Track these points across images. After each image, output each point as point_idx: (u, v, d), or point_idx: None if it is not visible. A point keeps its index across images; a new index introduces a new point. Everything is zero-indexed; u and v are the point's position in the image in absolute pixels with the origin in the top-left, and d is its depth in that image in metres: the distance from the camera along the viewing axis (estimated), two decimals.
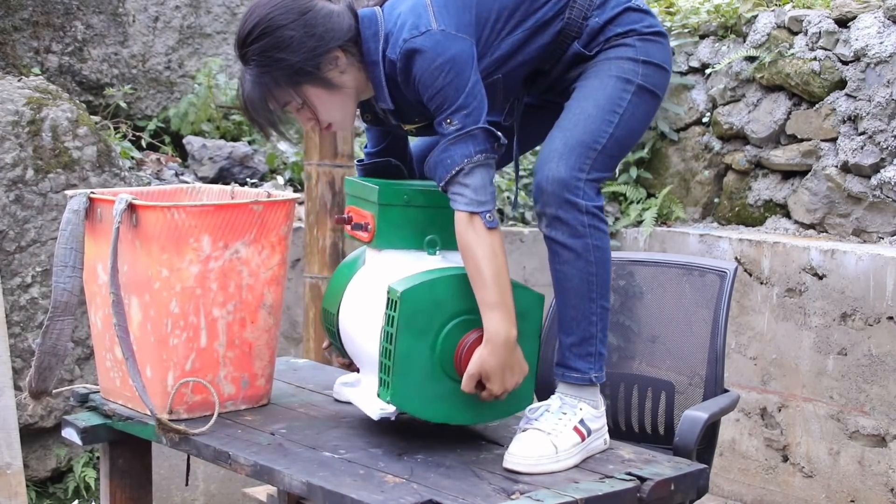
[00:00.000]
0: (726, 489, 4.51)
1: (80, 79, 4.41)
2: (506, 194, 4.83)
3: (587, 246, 2.02)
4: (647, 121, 2.21)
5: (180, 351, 2.21)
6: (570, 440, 2.00)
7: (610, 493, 1.85)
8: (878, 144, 4.23)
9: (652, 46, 2.18)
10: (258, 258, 2.28)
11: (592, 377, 2.07)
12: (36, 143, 3.54)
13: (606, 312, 2.08)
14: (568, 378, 2.08)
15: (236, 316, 2.27)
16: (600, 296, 2.05)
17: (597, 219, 2.03)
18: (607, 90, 2.11)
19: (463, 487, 1.85)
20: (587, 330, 2.06)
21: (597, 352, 2.07)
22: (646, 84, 2.16)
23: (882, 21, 4.25)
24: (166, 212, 2.16)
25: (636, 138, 2.20)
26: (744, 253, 4.44)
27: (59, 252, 2.24)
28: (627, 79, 2.13)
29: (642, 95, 2.15)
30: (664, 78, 2.22)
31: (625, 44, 2.16)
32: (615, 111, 2.10)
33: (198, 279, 2.20)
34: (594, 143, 2.06)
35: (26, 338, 3.48)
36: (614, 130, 2.09)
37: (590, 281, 2.03)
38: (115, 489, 2.41)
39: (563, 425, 2.01)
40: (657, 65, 2.18)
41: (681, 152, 5.08)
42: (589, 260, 2.02)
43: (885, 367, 3.94)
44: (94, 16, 4.42)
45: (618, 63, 2.14)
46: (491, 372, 1.97)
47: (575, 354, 2.07)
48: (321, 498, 1.86)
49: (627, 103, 2.12)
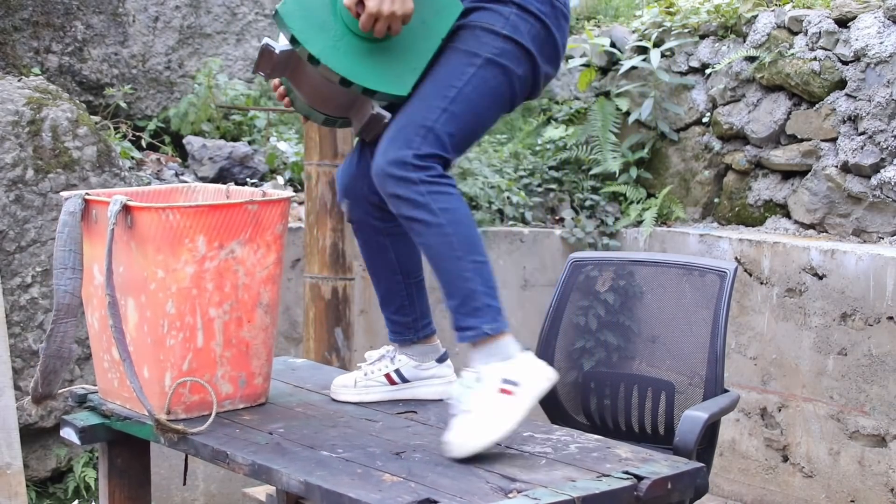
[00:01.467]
0: (726, 489, 4.50)
1: (80, 79, 4.41)
2: (506, 194, 4.83)
3: (432, 211, 2.03)
4: (494, 96, 2.14)
5: (177, 351, 2.21)
6: (500, 405, 1.99)
7: (607, 491, 1.85)
8: (878, 144, 4.23)
9: (526, 24, 2.13)
10: (254, 257, 2.28)
11: (486, 329, 2.03)
12: (36, 143, 3.54)
13: (481, 265, 2.06)
14: (465, 338, 2.06)
15: (233, 315, 2.27)
16: (466, 252, 2.05)
17: (434, 185, 2.04)
18: (449, 65, 2.11)
19: (460, 486, 1.84)
20: (464, 287, 2.05)
21: (483, 305, 2.04)
22: (497, 59, 2.11)
23: (882, 21, 4.25)
24: (161, 213, 2.16)
25: (484, 113, 2.15)
26: (744, 253, 4.44)
27: (58, 254, 2.24)
28: (474, 52, 2.11)
29: (490, 69, 2.11)
30: (526, 60, 2.15)
31: (493, 9, 2.12)
32: (453, 85, 2.09)
33: (193, 279, 2.20)
34: (423, 121, 2.06)
35: (26, 338, 3.48)
36: (449, 105, 2.08)
37: (448, 243, 2.04)
38: (114, 489, 2.41)
39: (485, 395, 1.99)
40: (520, 44, 2.13)
41: (681, 152, 5.08)
42: (440, 223, 2.03)
43: (885, 367, 3.93)
44: (94, 16, 4.43)
45: (473, 33, 2.12)
46: None
47: (462, 314, 2.06)
48: (319, 497, 1.86)
49: (471, 76, 2.10)
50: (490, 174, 4.89)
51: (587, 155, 5.14)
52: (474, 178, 4.78)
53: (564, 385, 2.92)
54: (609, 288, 2.92)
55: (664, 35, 5.11)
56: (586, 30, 5.42)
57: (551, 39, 2.18)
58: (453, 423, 2.00)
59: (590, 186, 5.16)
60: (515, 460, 2.00)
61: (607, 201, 5.12)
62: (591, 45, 5.29)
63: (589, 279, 2.94)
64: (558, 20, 2.19)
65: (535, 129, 5.41)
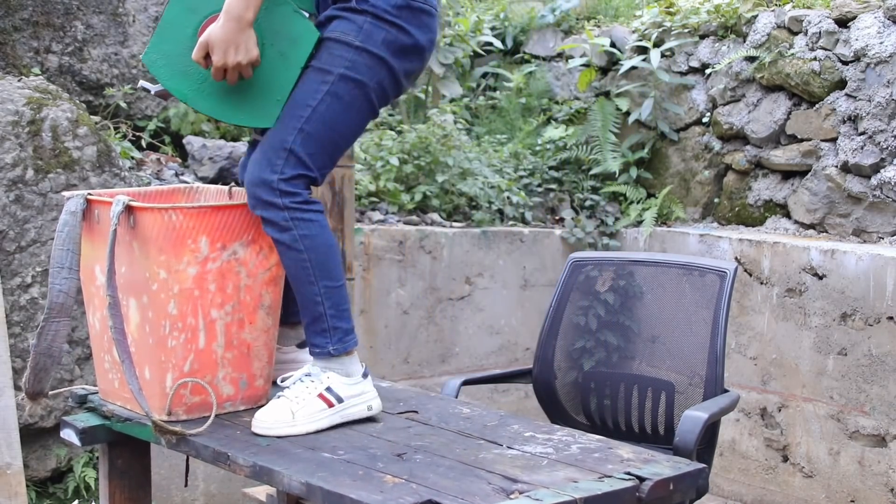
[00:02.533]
0: (726, 489, 4.51)
1: (80, 79, 4.40)
2: (505, 194, 4.83)
3: (294, 237, 2.17)
4: (350, 110, 2.22)
5: (179, 352, 2.20)
6: (313, 407, 2.17)
7: (609, 492, 1.85)
8: (878, 144, 4.23)
9: (379, 32, 2.20)
10: (256, 259, 2.27)
11: (331, 350, 2.22)
12: (36, 143, 3.54)
13: (333, 290, 2.22)
14: (312, 352, 2.25)
15: (234, 317, 2.26)
16: (319, 278, 2.20)
17: (299, 211, 2.18)
18: (304, 84, 2.20)
19: (462, 487, 1.84)
20: (315, 310, 2.21)
21: (330, 327, 2.22)
22: (349, 73, 2.19)
23: (882, 21, 4.25)
24: (164, 213, 2.16)
25: (342, 128, 2.23)
26: (744, 253, 4.44)
27: (56, 254, 2.23)
28: (327, 69, 2.19)
29: (343, 84, 2.19)
30: (381, 67, 2.22)
31: (349, 18, 2.20)
32: (308, 104, 2.19)
33: (196, 281, 2.20)
34: (283, 143, 2.18)
35: (26, 338, 3.47)
36: (304, 125, 2.18)
37: (304, 267, 2.19)
38: (115, 490, 2.41)
39: (307, 393, 2.18)
40: (374, 54, 2.20)
41: (681, 152, 5.08)
42: (299, 249, 2.18)
43: (886, 367, 3.93)
44: (94, 16, 4.42)
45: (327, 47, 2.20)
46: (215, 42, 2.11)
47: (312, 332, 2.23)
48: (320, 498, 1.86)
49: (324, 94, 2.18)
50: (490, 174, 4.89)
51: (587, 155, 5.14)
52: (474, 178, 4.78)
53: (564, 385, 2.93)
54: (609, 288, 2.92)
55: (664, 35, 5.11)
56: (586, 30, 5.42)
57: (411, 39, 2.24)
58: (270, 403, 2.18)
59: (590, 186, 5.16)
60: (517, 461, 2.00)
61: (607, 201, 5.12)
62: (591, 45, 5.29)
63: (589, 279, 2.94)
64: (418, 18, 2.24)
65: (535, 129, 5.41)
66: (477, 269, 4.56)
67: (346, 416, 2.21)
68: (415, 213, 4.60)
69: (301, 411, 2.15)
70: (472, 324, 4.56)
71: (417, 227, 4.42)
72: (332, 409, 2.19)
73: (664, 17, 5.17)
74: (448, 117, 4.93)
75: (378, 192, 4.54)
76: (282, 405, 2.17)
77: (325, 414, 2.18)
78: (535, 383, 2.93)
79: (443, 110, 5.05)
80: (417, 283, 4.37)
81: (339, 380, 2.21)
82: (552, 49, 5.76)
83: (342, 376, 2.22)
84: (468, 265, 4.53)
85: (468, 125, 5.48)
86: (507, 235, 4.67)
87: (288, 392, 2.19)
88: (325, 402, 2.19)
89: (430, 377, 4.42)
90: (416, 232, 4.36)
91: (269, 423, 2.14)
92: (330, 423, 2.18)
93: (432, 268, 4.42)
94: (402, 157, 4.63)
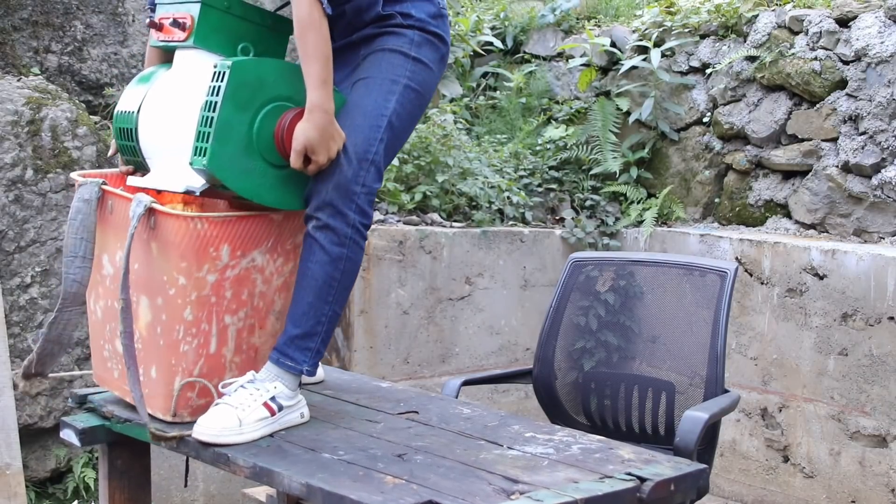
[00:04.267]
0: (727, 489, 4.50)
1: (79, 78, 4.40)
2: (505, 194, 4.83)
3: (342, 255, 2.18)
4: (413, 119, 2.27)
5: (190, 357, 2.18)
6: (257, 415, 2.14)
7: (610, 493, 1.84)
8: (878, 144, 4.23)
9: (428, 46, 2.27)
10: (272, 266, 2.26)
11: (304, 369, 2.21)
12: (35, 142, 3.53)
13: (336, 318, 2.23)
14: (282, 364, 2.20)
15: (246, 322, 2.24)
16: (335, 302, 2.21)
17: (359, 234, 2.20)
18: (371, 94, 2.22)
19: (462, 488, 1.84)
20: (314, 328, 2.21)
21: (316, 349, 2.22)
22: (411, 84, 2.24)
23: (883, 21, 4.25)
24: (189, 221, 2.12)
25: (404, 138, 2.30)
26: (744, 253, 4.43)
27: (69, 242, 2.20)
28: (392, 79, 2.23)
29: (407, 94, 2.24)
30: (431, 76, 2.29)
31: (398, 33, 2.25)
32: (382, 114, 2.21)
33: (214, 287, 2.17)
34: (366, 153, 2.18)
35: (26, 338, 3.47)
36: (383, 135, 2.21)
37: (331, 286, 2.19)
38: (114, 490, 2.41)
39: (252, 400, 2.15)
40: (426, 64, 2.26)
41: (681, 152, 5.07)
42: (338, 267, 2.19)
43: (886, 368, 3.93)
44: (94, 15, 4.42)
45: (386, 58, 2.24)
46: (317, 143, 2.13)
47: (296, 345, 2.20)
48: (321, 499, 1.86)
49: (394, 104, 2.22)
50: (490, 174, 4.88)
51: (587, 155, 5.14)
52: (474, 178, 4.77)
53: (565, 385, 2.92)
54: (609, 288, 2.92)
55: (664, 35, 5.11)
56: (586, 30, 5.41)
57: (445, 46, 2.32)
58: (213, 409, 2.15)
59: (590, 186, 5.15)
60: (518, 461, 1.99)
61: (607, 201, 5.12)
62: (591, 44, 5.28)
63: (589, 279, 2.94)
64: (446, 24, 2.33)
65: (535, 129, 5.41)
66: (477, 269, 4.55)
67: (283, 423, 2.19)
68: (415, 213, 4.59)
69: (247, 419, 2.12)
70: (473, 324, 4.56)
71: (417, 227, 4.42)
72: (273, 417, 2.17)
73: (664, 16, 5.17)
74: (448, 117, 4.92)
75: (378, 191, 4.53)
76: (227, 413, 2.12)
77: (267, 422, 2.16)
78: (536, 383, 2.92)
79: (443, 110, 5.04)
80: (417, 283, 4.36)
81: (284, 391, 2.20)
82: (552, 49, 5.75)
83: (288, 389, 2.21)
84: (468, 265, 4.52)
85: (468, 125, 5.47)
86: (507, 235, 4.66)
87: (231, 399, 2.14)
88: (269, 410, 2.16)
89: (430, 377, 4.41)
90: (416, 232, 4.35)
91: (216, 431, 2.10)
92: (270, 431, 2.16)
93: (432, 268, 4.41)
94: (401, 157, 4.62)
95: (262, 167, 2.17)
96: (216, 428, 2.10)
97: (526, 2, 6.14)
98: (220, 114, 2.11)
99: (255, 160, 2.16)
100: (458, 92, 5.43)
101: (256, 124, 2.15)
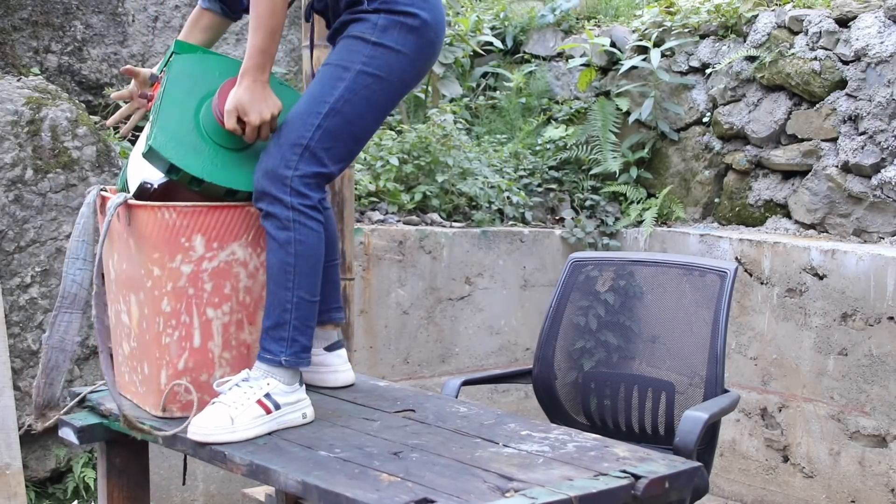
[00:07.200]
0: (727, 489, 4.50)
1: (79, 78, 4.40)
2: (505, 194, 4.83)
3: (289, 239, 2.16)
4: (368, 104, 2.24)
5: (172, 349, 2.20)
6: (252, 413, 2.12)
7: (604, 490, 1.84)
8: (878, 144, 4.23)
9: (396, 28, 2.23)
10: (256, 260, 2.26)
11: (283, 360, 2.18)
12: (35, 142, 3.54)
13: (306, 304, 2.19)
14: (261, 357, 2.20)
15: (233, 317, 2.25)
16: (297, 287, 2.18)
17: (304, 215, 2.17)
18: (321, 80, 2.23)
19: (458, 485, 1.84)
20: (281, 316, 2.18)
21: (290, 337, 2.19)
22: (367, 69, 2.22)
23: (882, 21, 4.25)
24: (157, 211, 2.16)
25: (362, 124, 2.25)
26: (744, 253, 4.43)
27: (72, 244, 2.26)
28: (343, 66, 2.22)
29: (362, 80, 2.22)
30: (399, 61, 2.25)
31: (364, 18, 2.24)
32: (325, 101, 2.20)
33: (190, 279, 2.19)
34: (299, 139, 2.18)
35: (26, 338, 3.47)
36: (322, 121, 2.19)
37: (287, 272, 2.17)
38: (113, 488, 2.41)
39: (246, 398, 2.13)
40: (390, 48, 2.23)
41: (681, 152, 5.07)
42: (289, 251, 2.16)
43: (886, 368, 3.93)
44: (94, 15, 4.42)
45: (346, 45, 2.24)
46: (247, 104, 2.16)
47: (270, 337, 2.19)
48: (317, 497, 1.86)
49: (342, 90, 2.20)
50: (490, 174, 4.88)
51: (587, 155, 5.14)
52: (474, 178, 4.78)
53: (564, 385, 2.92)
54: (609, 288, 2.92)
55: (664, 35, 5.11)
56: (586, 30, 5.41)
57: (418, 20, 2.26)
58: (207, 409, 2.13)
59: (590, 186, 5.16)
60: (513, 459, 1.99)
61: (607, 201, 5.12)
62: (591, 44, 5.28)
63: (589, 279, 2.94)
64: (427, 3, 2.28)
65: (535, 129, 5.41)
66: (477, 269, 4.55)
67: (281, 423, 2.17)
68: (415, 213, 4.59)
69: (240, 417, 2.10)
70: (472, 324, 4.56)
71: (417, 227, 4.42)
72: (269, 415, 2.15)
73: (664, 16, 5.17)
74: (448, 117, 4.92)
75: (378, 191, 4.54)
76: (220, 411, 2.11)
77: (262, 420, 2.13)
78: (535, 383, 2.93)
79: (443, 110, 5.05)
80: (417, 283, 4.37)
81: (279, 387, 2.17)
82: (552, 49, 5.76)
83: (283, 384, 2.18)
84: (468, 265, 4.52)
85: (468, 125, 5.48)
86: (507, 235, 4.66)
87: (225, 398, 2.13)
88: (264, 408, 2.14)
89: (430, 377, 4.42)
90: (415, 232, 4.36)
91: (209, 430, 2.08)
92: (267, 430, 2.14)
93: (432, 268, 4.41)
94: (401, 157, 4.62)
95: (213, 147, 2.21)
96: (209, 427, 2.09)
97: (526, 2, 6.15)
98: (165, 96, 2.20)
99: (204, 141, 2.21)
100: (458, 92, 5.44)
101: (203, 110, 2.22)
